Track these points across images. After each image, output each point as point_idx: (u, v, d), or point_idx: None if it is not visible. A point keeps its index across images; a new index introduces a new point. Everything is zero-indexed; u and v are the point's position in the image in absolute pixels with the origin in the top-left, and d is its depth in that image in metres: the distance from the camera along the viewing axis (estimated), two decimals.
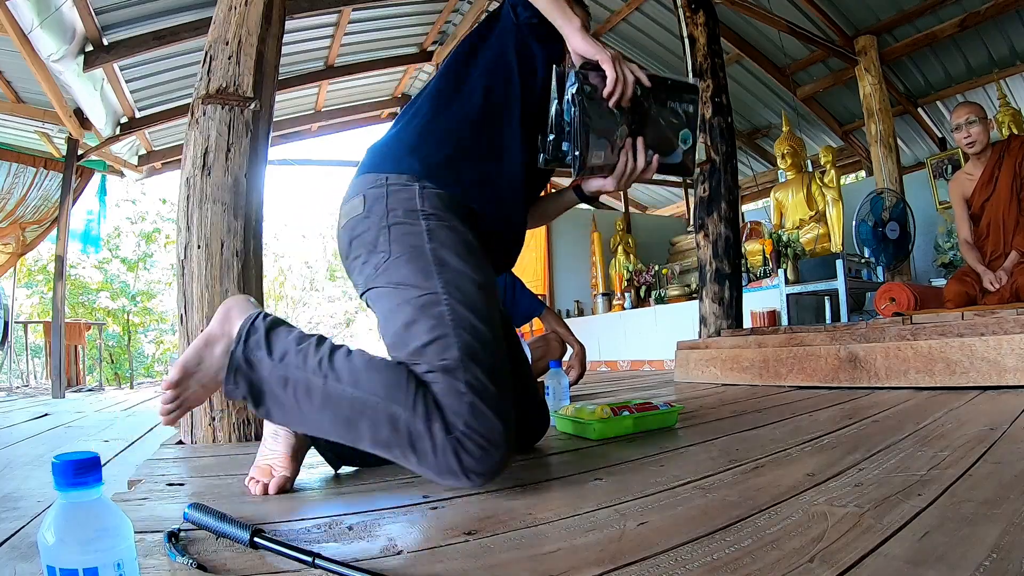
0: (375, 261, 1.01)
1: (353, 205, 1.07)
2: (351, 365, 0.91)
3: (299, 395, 0.91)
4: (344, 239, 1.09)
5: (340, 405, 0.89)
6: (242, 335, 0.94)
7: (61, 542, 0.46)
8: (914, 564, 0.55)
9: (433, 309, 0.93)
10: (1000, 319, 1.89)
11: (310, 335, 0.98)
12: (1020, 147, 2.72)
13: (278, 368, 0.92)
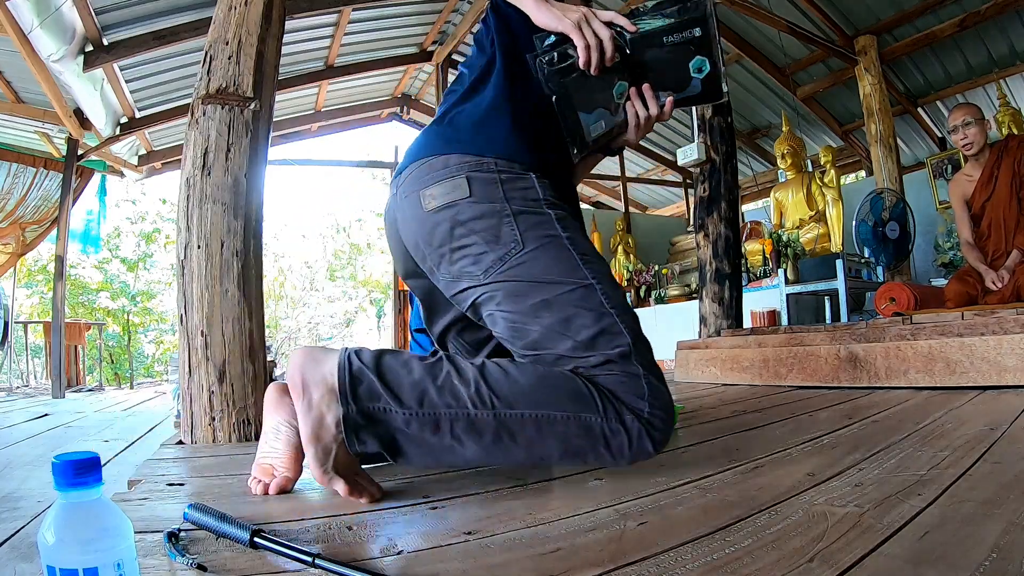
0: (500, 253, 0.92)
1: (453, 186, 0.95)
2: (519, 386, 0.84)
3: (461, 434, 0.83)
4: (444, 224, 0.96)
5: (520, 432, 0.84)
6: (345, 392, 0.82)
7: (61, 542, 0.46)
8: (914, 564, 0.55)
9: (592, 300, 0.90)
10: (1000, 319, 1.89)
11: (432, 362, 0.87)
12: (1018, 146, 2.73)
13: (419, 415, 0.83)
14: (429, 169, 0.98)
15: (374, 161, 9.01)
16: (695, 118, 3.45)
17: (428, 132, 1.06)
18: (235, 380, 1.51)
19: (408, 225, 1.02)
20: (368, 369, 0.84)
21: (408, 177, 1.02)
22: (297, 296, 14.02)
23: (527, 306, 0.91)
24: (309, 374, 0.84)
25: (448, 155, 0.98)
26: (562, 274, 0.91)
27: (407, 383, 0.84)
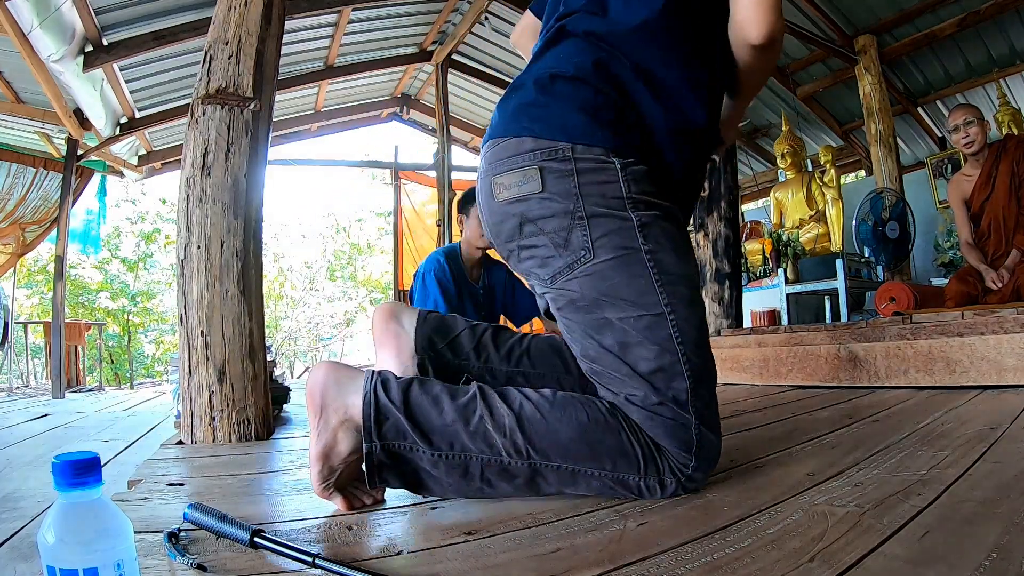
0: (570, 259, 0.83)
1: (524, 177, 0.85)
2: (557, 439, 0.79)
3: (492, 477, 0.80)
4: (513, 219, 0.87)
5: (554, 478, 0.80)
6: (370, 428, 0.77)
7: (61, 542, 0.46)
8: (914, 564, 0.55)
9: (659, 331, 0.81)
10: (1000, 319, 1.89)
11: (464, 401, 0.81)
12: (1016, 146, 2.73)
13: (448, 458, 0.78)
14: (502, 152, 0.88)
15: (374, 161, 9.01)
16: None
17: (511, 96, 0.93)
18: (235, 380, 1.51)
19: (484, 212, 0.94)
20: (395, 407, 0.78)
21: (483, 157, 0.93)
22: (297, 296, 14.02)
23: (589, 321, 0.84)
24: (330, 398, 0.79)
25: (521, 138, 0.86)
26: (632, 296, 0.81)
27: (437, 425, 0.79)
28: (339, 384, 0.80)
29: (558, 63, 0.90)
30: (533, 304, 2.62)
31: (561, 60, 0.91)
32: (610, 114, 0.86)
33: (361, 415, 0.77)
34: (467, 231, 2.43)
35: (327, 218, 14.76)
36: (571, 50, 0.91)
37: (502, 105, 0.94)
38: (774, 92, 5.96)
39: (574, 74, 0.87)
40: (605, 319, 0.83)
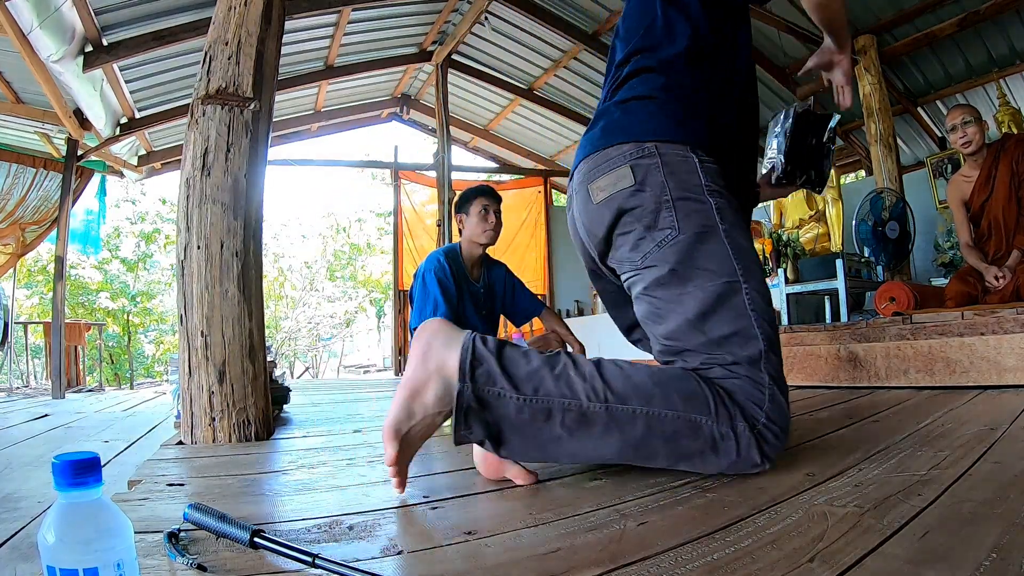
0: (658, 237, 0.93)
1: (618, 176, 0.97)
2: (632, 382, 0.85)
3: (571, 426, 0.84)
4: (608, 213, 0.98)
5: (629, 427, 0.84)
6: (464, 370, 0.82)
7: (61, 542, 0.46)
8: (914, 564, 0.55)
9: (734, 298, 0.90)
10: (1000, 319, 1.89)
11: (551, 354, 0.89)
12: (1015, 146, 2.73)
13: (532, 403, 0.83)
14: (595, 163, 1.01)
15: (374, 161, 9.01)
16: None
17: (598, 122, 1.07)
18: (235, 380, 1.51)
19: (580, 220, 1.06)
20: (490, 353, 0.85)
21: (578, 175, 1.06)
22: (297, 296, 14.01)
23: (671, 293, 0.93)
24: (436, 346, 0.85)
25: (611, 146, 1.00)
26: (712, 266, 0.91)
27: (525, 370, 0.85)
28: (446, 337, 0.86)
29: (632, 91, 1.06)
30: (533, 303, 2.62)
31: (634, 89, 1.06)
32: (685, 118, 1.00)
33: (457, 366, 0.83)
34: (468, 229, 2.43)
35: (327, 218, 14.78)
36: (638, 80, 1.06)
37: (590, 132, 1.08)
38: (773, 92, 5.96)
39: (648, 94, 1.03)
40: (687, 291, 0.91)
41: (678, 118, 1.00)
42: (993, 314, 1.95)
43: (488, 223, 2.41)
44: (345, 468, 1.14)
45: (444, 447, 1.38)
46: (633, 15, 1.13)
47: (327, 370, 14.60)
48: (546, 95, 6.90)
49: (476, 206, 2.41)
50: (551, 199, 7.73)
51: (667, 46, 1.05)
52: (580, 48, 5.89)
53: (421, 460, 1.25)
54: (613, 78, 1.13)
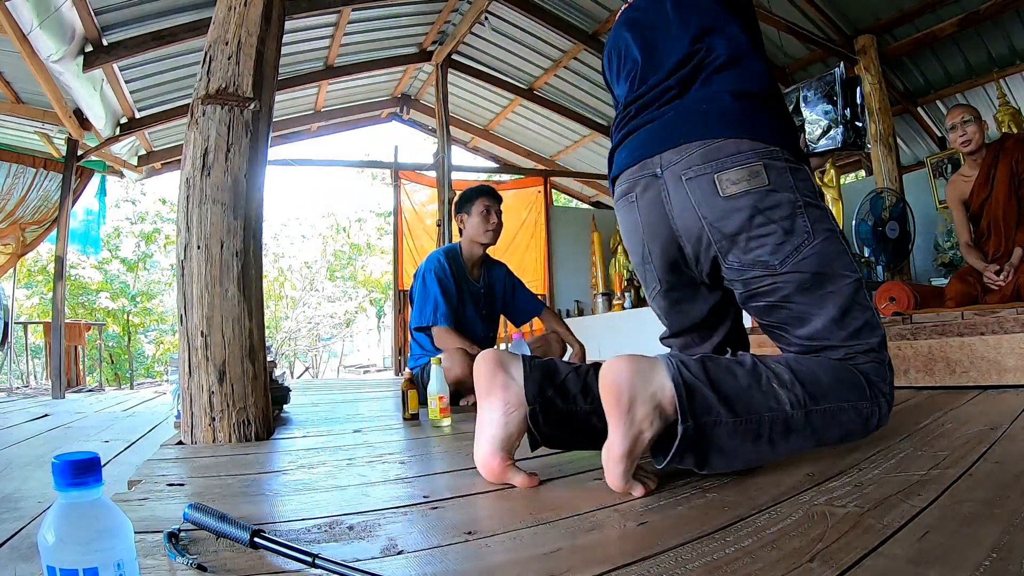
0: (796, 243, 0.97)
1: (751, 172, 0.98)
2: (822, 384, 0.92)
3: (775, 436, 0.88)
4: (743, 210, 0.98)
5: (819, 425, 0.90)
6: (684, 408, 0.82)
7: (61, 542, 0.46)
8: (914, 564, 0.55)
9: (860, 294, 0.99)
10: (1000, 318, 1.89)
11: (750, 366, 0.91)
12: (1014, 145, 2.72)
13: (745, 423, 0.86)
14: (719, 152, 0.99)
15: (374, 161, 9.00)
16: None
17: (687, 108, 1.06)
18: (235, 380, 1.51)
19: (691, 210, 1.03)
20: (701, 382, 0.85)
21: (688, 158, 1.02)
22: (297, 296, 14.01)
23: (814, 297, 0.98)
24: (638, 390, 0.82)
25: (738, 139, 0.99)
26: (842, 268, 0.98)
27: (735, 391, 0.87)
28: (642, 374, 0.84)
29: (739, 83, 1.05)
30: (533, 303, 2.62)
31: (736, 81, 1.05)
32: (788, 129, 1.05)
33: (672, 397, 0.83)
34: (469, 229, 2.43)
35: (327, 218, 14.77)
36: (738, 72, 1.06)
37: (680, 112, 1.06)
38: None
39: (759, 92, 1.05)
40: (828, 292, 0.98)
41: (787, 129, 1.04)
42: (993, 314, 1.95)
43: (490, 223, 2.41)
44: (345, 468, 1.14)
45: (444, 447, 1.38)
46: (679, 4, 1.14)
47: (327, 370, 14.60)
48: (546, 95, 6.89)
49: (478, 206, 2.41)
50: (551, 199, 7.73)
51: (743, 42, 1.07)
52: (580, 48, 5.89)
53: (421, 460, 1.25)
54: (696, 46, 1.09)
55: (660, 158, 1.06)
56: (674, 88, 1.08)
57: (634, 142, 1.12)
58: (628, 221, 1.17)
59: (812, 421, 0.90)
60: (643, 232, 1.13)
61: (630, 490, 0.84)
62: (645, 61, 1.17)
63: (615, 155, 1.20)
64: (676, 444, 0.82)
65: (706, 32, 1.09)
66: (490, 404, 0.95)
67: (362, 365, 14.65)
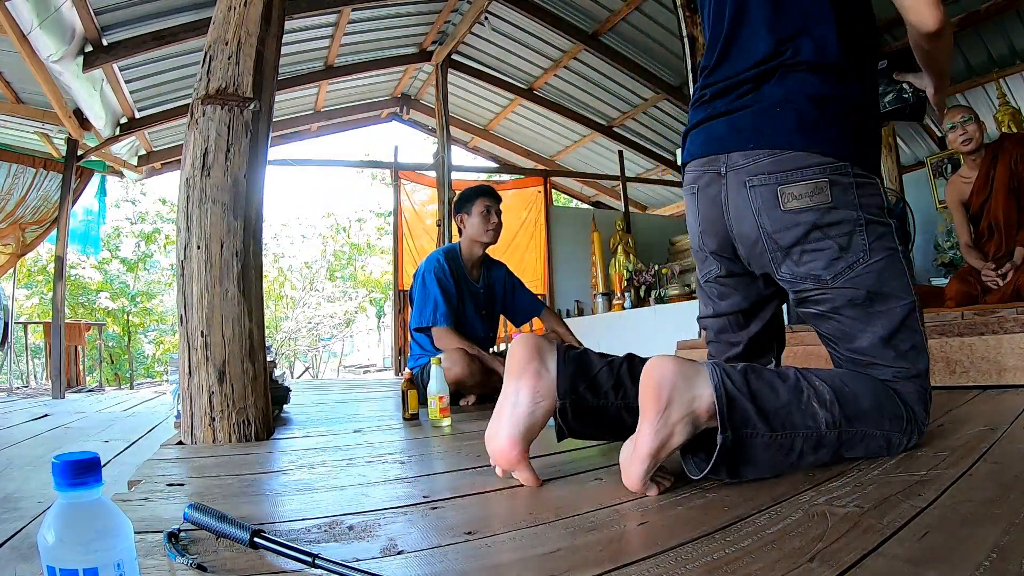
0: (850, 260, 0.98)
1: (816, 188, 0.98)
2: (861, 407, 0.92)
3: (806, 451, 0.89)
4: (801, 226, 0.99)
5: (846, 444, 0.92)
6: (724, 419, 0.82)
7: (61, 542, 0.46)
8: (914, 564, 0.55)
9: (911, 319, 0.99)
10: (1000, 318, 1.89)
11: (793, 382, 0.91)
12: (1013, 145, 2.72)
13: (780, 438, 0.87)
14: (787, 164, 0.99)
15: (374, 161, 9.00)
16: None
17: (762, 109, 1.03)
18: (235, 381, 1.51)
19: (750, 217, 1.03)
20: (742, 394, 0.85)
21: (754, 165, 1.02)
22: (297, 296, 14.01)
23: (863, 315, 0.99)
24: (679, 391, 0.82)
25: (808, 152, 0.98)
26: (897, 289, 0.98)
27: (775, 406, 0.87)
28: (687, 379, 0.83)
29: (819, 87, 1.01)
30: (533, 303, 2.62)
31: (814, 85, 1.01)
32: (866, 141, 1.03)
33: (709, 406, 0.83)
34: (470, 228, 2.42)
35: (327, 218, 14.76)
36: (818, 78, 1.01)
37: (757, 115, 1.03)
38: None
39: (839, 97, 1.01)
40: (877, 311, 0.98)
41: (864, 140, 1.02)
42: (993, 314, 1.95)
43: (490, 223, 2.41)
44: (345, 468, 1.14)
45: (444, 447, 1.38)
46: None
47: (327, 370, 14.60)
48: (546, 95, 6.89)
49: (478, 206, 2.40)
50: (551, 199, 7.73)
51: (838, 36, 1.02)
52: (580, 48, 5.89)
53: (421, 460, 1.25)
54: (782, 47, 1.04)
55: (728, 157, 1.05)
56: (751, 83, 1.06)
57: (704, 133, 1.11)
58: (689, 209, 1.19)
59: (841, 439, 0.91)
60: (700, 225, 1.15)
61: (646, 491, 0.84)
62: (729, 35, 1.11)
63: (687, 139, 1.18)
64: (716, 454, 0.82)
65: (797, 33, 1.03)
66: (518, 389, 0.94)
67: (362, 365, 14.65)
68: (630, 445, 0.84)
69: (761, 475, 0.89)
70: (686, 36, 3.49)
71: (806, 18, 1.04)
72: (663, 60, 5.88)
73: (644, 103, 6.65)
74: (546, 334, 2.51)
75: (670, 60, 5.77)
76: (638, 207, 8.82)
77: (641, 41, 5.71)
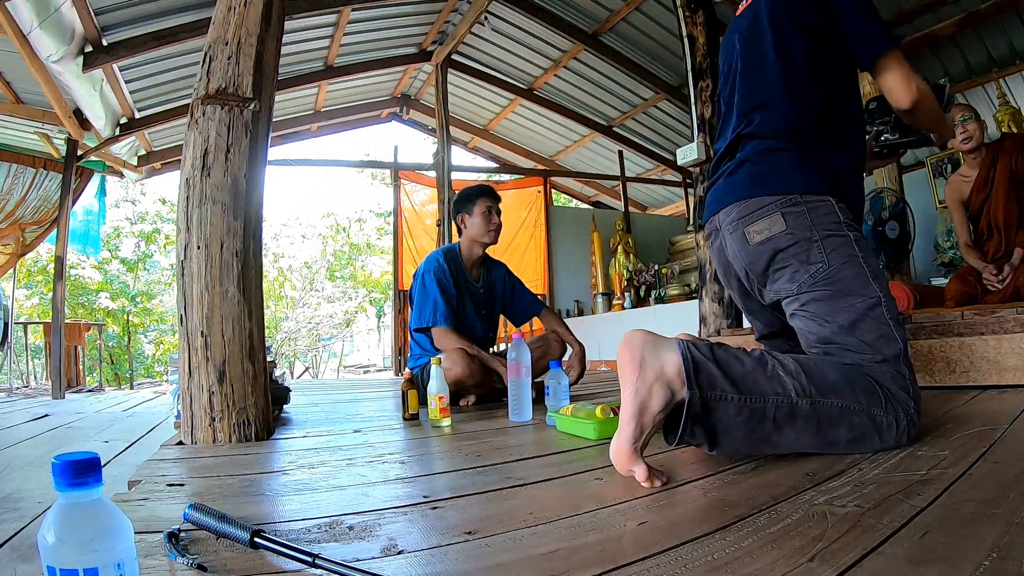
0: (812, 271, 1.14)
1: (772, 222, 1.17)
2: (830, 380, 1.01)
3: (781, 420, 0.96)
4: (765, 253, 1.19)
5: (823, 420, 0.99)
6: (690, 377, 0.90)
7: (61, 542, 0.46)
8: (914, 564, 0.55)
9: (875, 311, 1.10)
10: (1000, 318, 1.89)
11: (758, 355, 1.01)
12: (1014, 146, 2.72)
13: (750, 402, 0.94)
14: (748, 209, 1.21)
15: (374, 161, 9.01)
16: (695, 118, 3.45)
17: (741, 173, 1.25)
18: (235, 381, 1.51)
19: (737, 257, 1.26)
20: (707, 359, 0.94)
21: (728, 216, 1.25)
22: (297, 296, 14.01)
23: (828, 309, 1.12)
24: (648, 354, 0.91)
25: (764, 195, 1.19)
26: (856, 289, 1.11)
27: (740, 373, 0.96)
28: (656, 345, 0.93)
29: (766, 144, 1.23)
30: (533, 303, 2.61)
31: (768, 142, 1.23)
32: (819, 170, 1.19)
33: (678, 369, 0.91)
34: (471, 229, 2.41)
35: (327, 218, 14.76)
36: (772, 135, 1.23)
37: (731, 177, 1.27)
38: None
39: (784, 147, 1.21)
40: (840, 307, 1.11)
41: (813, 170, 1.18)
42: (993, 314, 1.95)
43: (492, 223, 2.40)
44: (345, 468, 1.14)
45: (444, 447, 1.38)
46: (750, 72, 1.30)
47: (327, 370, 14.60)
48: (546, 95, 6.90)
49: (481, 206, 2.39)
50: (551, 199, 7.73)
51: (789, 105, 1.21)
52: (580, 48, 5.90)
53: (421, 460, 1.25)
54: (741, 122, 1.29)
55: (717, 217, 1.30)
56: (727, 153, 1.32)
57: (710, 196, 1.36)
58: (712, 258, 1.42)
59: (818, 412, 0.98)
60: (720, 270, 1.39)
61: (632, 467, 0.88)
62: (724, 116, 1.40)
63: (705, 198, 1.43)
64: (684, 413, 0.90)
65: (753, 110, 1.27)
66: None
67: (362, 365, 14.66)
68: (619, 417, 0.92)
69: (740, 448, 0.97)
70: (686, 36, 3.49)
71: (763, 98, 1.26)
72: (663, 60, 5.88)
73: (644, 103, 6.65)
74: (546, 334, 2.51)
75: (670, 60, 5.77)
76: (638, 207, 8.82)
77: (641, 41, 5.72)
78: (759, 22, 1.28)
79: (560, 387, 1.78)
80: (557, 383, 1.78)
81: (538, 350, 2.37)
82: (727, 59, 1.41)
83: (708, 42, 3.41)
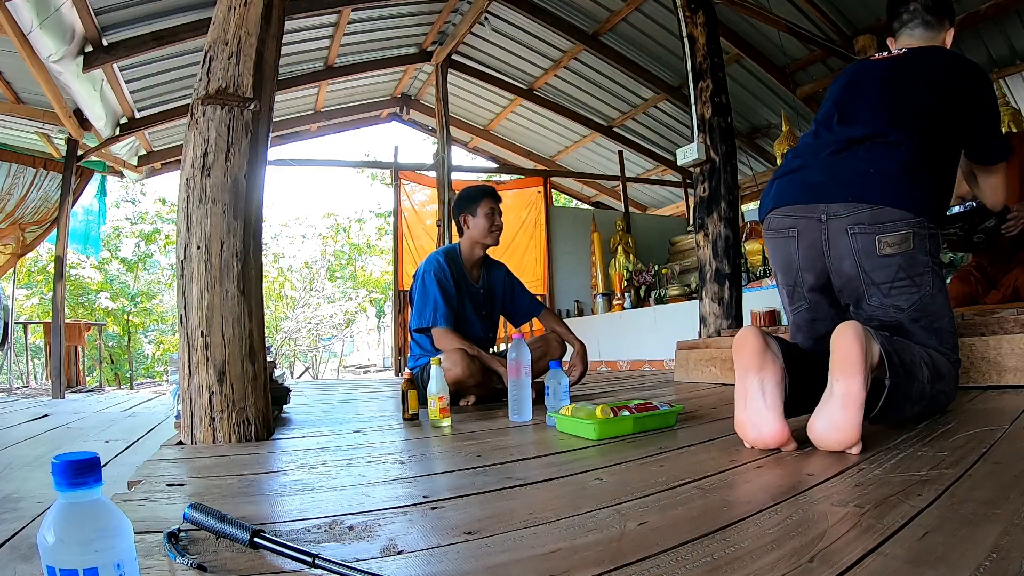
0: (922, 292, 1.30)
1: (903, 238, 1.28)
2: (942, 371, 1.26)
3: (916, 399, 1.20)
4: (893, 266, 1.30)
5: (930, 401, 1.24)
6: (893, 366, 1.11)
7: (61, 542, 0.46)
8: (914, 564, 0.55)
9: (952, 326, 1.35)
10: (1000, 319, 1.89)
11: (907, 344, 1.23)
12: (1020, 144, 2.71)
13: (906, 386, 1.15)
14: (883, 216, 1.28)
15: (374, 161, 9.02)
16: (695, 118, 3.45)
17: (867, 173, 1.32)
18: (235, 381, 1.51)
19: (850, 259, 1.33)
20: (893, 350, 1.13)
21: (856, 216, 1.30)
22: (297, 296, 14.01)
23: (925, 323, 1.32)
24: (869, 347, 1.07)
25: (901, 209, 1.27)
26: (942, 311, 1.33)
27: (910, 361, 1.17)
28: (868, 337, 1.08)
29: (905, 154, 1.32)
30: (533, 304, 2.61)
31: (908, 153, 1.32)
32: (938, 204, 1.34)
33: (881, 359, 1.09)
34: (473, 229, 2.40)
35: (327, 218, 14.77)
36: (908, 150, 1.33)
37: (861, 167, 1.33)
38: (774, 92, 5.96)
39: (920, 165, 1.31)
40: (934, 325, 1.32)
41: (939, 203, 1.33)
42: (993, 314, 1.95)
43: (496, 225, 2.40)
44: (345, 468, 1.14)
45: (444, 447, 1.38)
46: (895, 99, 1.39)
47: (327, 370, 14.60)
48: (546, 95, 6.90)
49: (484, 207, 2.38)
50: (551, 199, 7.73)
51: (929, 139, 1.33)
52: (580, 48, 5.90)
53: (421, 460, 1.25)
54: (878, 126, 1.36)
55: (827, 207, 1.33)
56: (842, 143, 1.37)
57: (800, 184, 1.39)
58: (783, 251, 1.44)
59: (931, 396, 1.23)
60: (799, 263, 1.41)
61: (854, 445, 1.02)
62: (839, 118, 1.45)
63: (775, 184, 1.46)
64: (884, 397, 1.10)
65: (897, 126, 1.35)
66: (763, 378, 1.13)
67: (362, 365, 14.66)
68: (823, 413, 1.05)
69: (896, 419, 1.22)
70: (686, 36, 3.49)
71: (908, 122, 1.35)
72: (663, 60, 5.88)
73: (644, 103, 6.66)
74: (546, 334, 2.51)
75: (670, 60, 5.77)
76: (638, 207, 8.82)
77: (641, 41, 5.72)
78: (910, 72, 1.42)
79: (560, 387, 1.78)
80: (557, 383, 1.78)
81: (538, 350, 2.37)
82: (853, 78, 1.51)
83: (708, 42, 3.41)
